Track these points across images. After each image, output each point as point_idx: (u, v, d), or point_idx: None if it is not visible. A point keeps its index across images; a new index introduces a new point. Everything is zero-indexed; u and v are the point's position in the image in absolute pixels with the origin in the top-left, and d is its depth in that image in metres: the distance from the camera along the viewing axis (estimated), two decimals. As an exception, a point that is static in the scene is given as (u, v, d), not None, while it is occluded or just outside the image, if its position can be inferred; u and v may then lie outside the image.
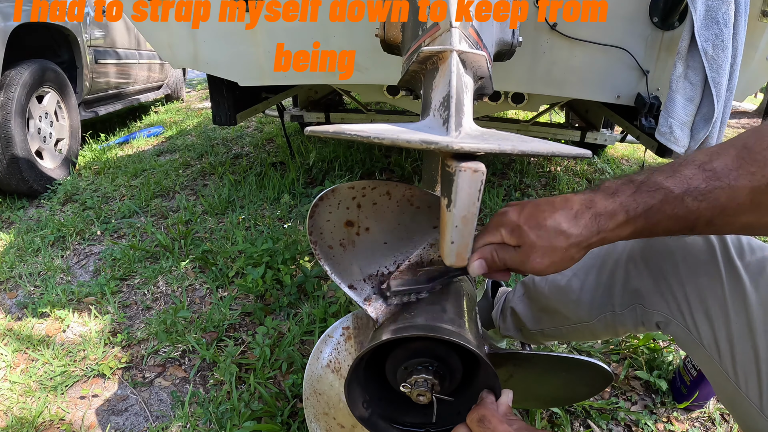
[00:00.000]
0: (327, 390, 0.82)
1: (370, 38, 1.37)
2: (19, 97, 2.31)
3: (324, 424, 0.84)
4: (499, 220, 0.59)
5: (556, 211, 0.54)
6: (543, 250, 0.54)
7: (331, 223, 0.68)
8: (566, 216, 0.54)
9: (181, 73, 5.53)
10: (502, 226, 0.58)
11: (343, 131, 0.53)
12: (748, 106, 7.57)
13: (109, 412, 1.24)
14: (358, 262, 0.71)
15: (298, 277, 1.66)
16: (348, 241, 0.70)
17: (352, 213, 0.68)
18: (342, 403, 0.81)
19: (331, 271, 0.70)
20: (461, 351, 0.64)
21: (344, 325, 0.81)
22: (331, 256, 0.70)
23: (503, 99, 2.11)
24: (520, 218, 0.56)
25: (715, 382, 0.69)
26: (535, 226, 0.54)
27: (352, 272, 0.71)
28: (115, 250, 1.92)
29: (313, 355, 0.81)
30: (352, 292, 0.71)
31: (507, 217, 0.57)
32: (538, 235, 0.54)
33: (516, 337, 1.10)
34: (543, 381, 0.81)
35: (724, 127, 1.32)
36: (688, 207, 0.50)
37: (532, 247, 0.55)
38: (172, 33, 1.57)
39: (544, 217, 0.54)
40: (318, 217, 0.67)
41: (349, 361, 0.81)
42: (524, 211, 0.56)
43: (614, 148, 3.56)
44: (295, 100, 2.97)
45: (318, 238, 0.68)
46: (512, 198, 2.46)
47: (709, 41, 1.19)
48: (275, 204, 2.35)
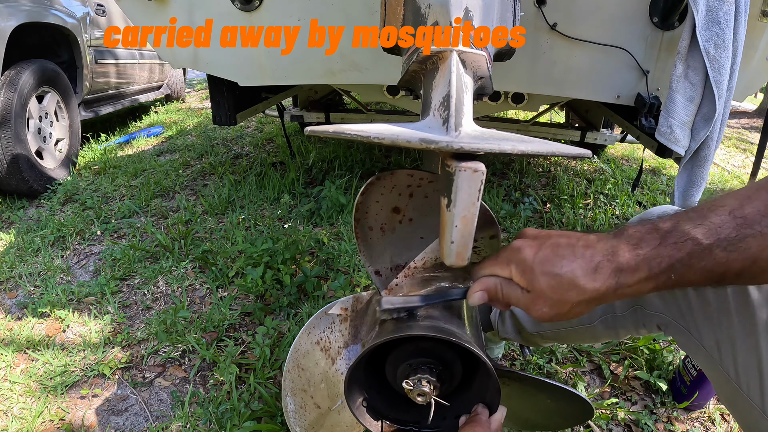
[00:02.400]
0: (311, 367, 0.81)
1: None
2: (19, 97, 2.31)
3: (300, 401, 0.83)
4: (513, 255, 0.54)
5: (575, 260, 0.49)
6: (552, 301, 0.51)
7: (379, 205, 0.68)
8: (585, 268, 0.49)
9: (181, 73, 5.53)
10: (513, 262, 0.54)
11: (343, 131, 0.53)
12: (748, 106, 7.57)
13: (109, 412, 1.24)
14: (391, 250, 0.71)
15: (298, 277, 1.66)
16: (389, 227, 0.70)
17: (402, 200, 0.68)
18: (323, 384, 0.81)
19: (364, 252, 0.70)
20: (465, 358, 0.64)
21: (343, 305, 0.80)
22: (369, 237, 0.70)
23: (503, 99, 2.11)
24: (534, 260, 0.52)
25: (716, 382, 0.69)
26: (549, 274, 0.50)
27: (383, 258, 0.71)
28: (115, 250, 1.92)
29: (305, 328, 0.81)
30: (376, 278, 0.71)
31: (521, 255, 0.53)
32: (550, 286, 0.50)
33: (515, 340, 1.09)
34: (525, 403, 0.81)
35: (724, 127, 1.32)
36: (717, 259, 0.46)
37: (540, 295, 0.51)
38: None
39: (560, 265, 0.50)
40: (369, 196, 0.66)
41: (341, 343, 0.80)
42: (540, 252, 0.52)
43: (614, 148, 3.56)
44: (295, 100, 2.97)
45: (362, 216, 0.68)
46: (512, 197, 2.46)
47: (710, 41, 1.19)
48: (275, 204, 2.35)
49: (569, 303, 0.50)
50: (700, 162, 1.34)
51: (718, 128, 1.29)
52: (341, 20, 1.48)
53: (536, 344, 1.11)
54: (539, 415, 0.86)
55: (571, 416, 0.81)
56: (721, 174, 3.48)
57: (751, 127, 6.06)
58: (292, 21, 1.49)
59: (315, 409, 0.83)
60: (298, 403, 0.83)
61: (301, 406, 0.83)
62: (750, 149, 4.54)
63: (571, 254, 0.50)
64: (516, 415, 0.88)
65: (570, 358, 1.42)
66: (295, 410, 0.84)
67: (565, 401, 0.76)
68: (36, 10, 2.53)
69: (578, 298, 0.49)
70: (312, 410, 0.83)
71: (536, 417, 0.88)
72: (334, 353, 0.80)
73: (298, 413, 0.84)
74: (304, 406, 0.83)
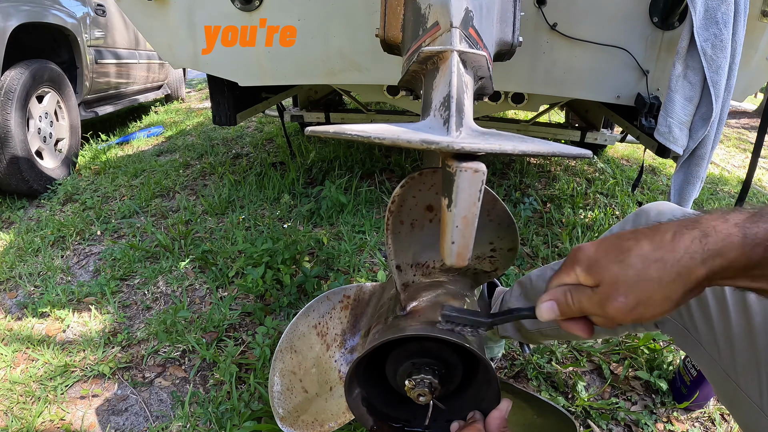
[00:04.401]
0: (305, 351, 0.80)
1: (370, 38, 1.38)
2: (19, 97, 2.31)
3: (287, 383, 0.82)
4: (574, 256, 0.49)
5: (645, 239, 0.44)
6: (627, 285, 0.43)
7: (416, 200, 0.67)
8: (659, 241, 0.43)
9: (181, 73, 5.53)
10: (576, 263, 0.48)
11: (344, 131, 0.53)
12: (748, 106, 7.57)
13: (109, 412, 1.24)
14: (416, 247, 0.71)
15: (298, 277, 1.66)
16: (419, 224, 0.70)
17: (438, 200, 0.67)
18: (314, 369, 0.80)
19: (391, 245, 0.70)
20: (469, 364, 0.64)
21: (346, 293, 0.80)
22: (398, 231, 0.70)
23: (503, 99, 2.11)
24: (598, 252, 0.47)
25: (715, 381, 0.69)
26: (617, 259, 0.44)
27: (407, 254, 0.71)
28: (115, 250, 1.92)
29: (305, 310, 0.80)
30: (397, 273, 0.70)
31: (582, 252, 0.48)
32: (622, 268, 0.44)
33: (514, 338, 1.09)
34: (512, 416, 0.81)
35: (722, 127, 1.32)
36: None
37: (613, 283, 0.44)
38: (172, 33, 1.58)
39: (628, 246, 0.44)
40: (408, 190, 0.66)
41: (338, 330, 0.80)
42: (603, 244, 0.47)
43: (614, 148, 3.56)
44: (295, 100, 2.97)
45: (397, 209, 0.68)
46: (512, 198, 2.46)
47: (708, 41, 1.19)
48: (275, 204, 2.35)
49: (651, 282, 0.42)
50: (697, 161, 1.35)
51: (715, 128, 1.29)
52: (341, 20, 1.48)
53: (536, 342, 1.11)
54: (522, 429, 0.85)
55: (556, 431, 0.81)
56: (720, 173, 3.49)
57: (751, 127, 6.06)
58: (293, 21, 1.49)
59: (302, 393, 0.81)
60: (285, 385, 0.82)
61: (287, 388, 0.82)
62: (750, 149, 4.54)
63: (638, 236, 0.45)
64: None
65: (570, 357, 1.42)
66: (281, 392, 0.82)
67: (550, 418, 0.76)
68: (36, 10, 2.52)
69: (660, 272, 0.42)
70: (299, 394, 0.81)
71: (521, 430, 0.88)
72: (331, 339, 0.80)
73: (284, 395, 0.82)
74: (290, 389, 0.82)
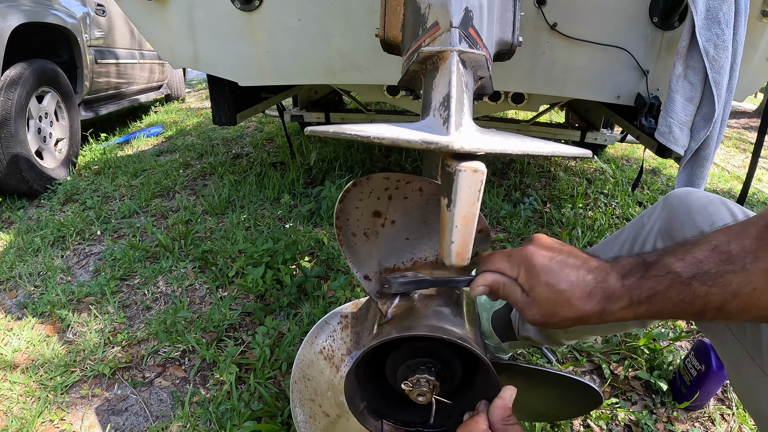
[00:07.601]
0: (317, 376, 0.81)
1: (370, 38, 1.38)
2: (19, 97, 2.31)
3: (309, 410, 0.83)
4: (525, 259, 0.57)
5: (577, 281, 0.54)
6: (546, 309, 0.55)
7: (360, 210, 0.67)
8: (583, 291, 0.53)
9: (181, 73, 5.53)
10: (523, 266, 0.57)
11: (344, 131, 0.53)
12: (748, 106, 7.57)
13: (109, 412, 1.24)
14: (377, 254, 0.71)
15: (298, 277, 1.66)
16: (372, 232, 0.69)
17: (382, 203, 0.67)
18: (330, 392, 0.81)
19: (350, 259, 0.70)
20: (465, 356, 0.64)
21: (343, 313, 0.80)
22: (353, 243, 0.69)
23: (503, 99, 2.11)
24: (542, 269, 0.55)
25: (736, 364, 0.68)
26: (551, 286, 0.54)
27: (371, 263, 0.71)
28: (115, 250, 1.92)
29: (308, 339, 0.81)
30: (366, 283, 0.71)
31: (532, 261, 0.56)
32: (549, 297, 0.54)
33: (536, 338, 1.07)
34: (533, 395, 0.80)
35: (724, 127, 1.32)
36: (695, 292, 0.48)
37: (537, 301, 0.55)
38: (172, 33, 1.58)
39: (563, 282, 0.54)
40: (348, 203, 0.66)
41: (343, 350, 0.80)
42: (549, 264, 0.55)
43: (614, 148, 3.56)
44: (295, 100, 2.97)
45: (344, 223, 0.68)
46: (512, 197, 2.46)
47: (710, 41, 1.19)
48: (275, 204, 2.35)
49: (559, 317, 0.55)
50: (701, 162, 1.34)
51: (718, 128, 1.29)
52: (341, 20, 1.48)
53: (558, 342, 1.09)
54: (548, 404, 0.85)
55: (580, 403, 0.81)
56: (721, 174, 3.49)
57: (751, 127, 6.06)
58: (293, 21, 1.49)
59: (324, 418, 0.83)
60: (307, 413, 0.84)
61: (310, 416, 0.84)
62: (750, 149, 4.54)
63: (575, 275, 0.54)
64: (524, 407, 0.88)
65: (570, 357, 1.42)
66: (305, 420, 0.84)
67: (570, 389, 0.76)
68: (36, 10, 2.53)
69: (568, 314, 0.54)
70: (321, 419, 0.84)
71: (546, 407, 0.88)
72: (338, 361, 0.81)
73: (308, 423, 0.85)
74: (313, 416, 0.84)
